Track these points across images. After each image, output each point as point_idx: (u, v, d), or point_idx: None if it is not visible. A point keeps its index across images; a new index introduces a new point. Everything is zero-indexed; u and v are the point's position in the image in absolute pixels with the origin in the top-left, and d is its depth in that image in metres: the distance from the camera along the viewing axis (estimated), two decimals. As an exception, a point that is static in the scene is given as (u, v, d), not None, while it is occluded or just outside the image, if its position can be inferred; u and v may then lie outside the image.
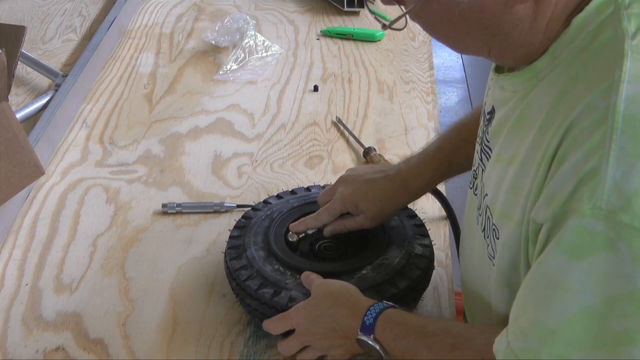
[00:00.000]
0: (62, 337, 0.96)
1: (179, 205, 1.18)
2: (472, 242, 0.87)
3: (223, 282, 1.02)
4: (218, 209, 1.17)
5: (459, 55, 3.81)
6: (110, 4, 1.87)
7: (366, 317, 0.82)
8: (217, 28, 1.67)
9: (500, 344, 0.68)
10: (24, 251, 1.11)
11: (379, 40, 1.72)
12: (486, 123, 0.81)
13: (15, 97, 1.51)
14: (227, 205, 1.18)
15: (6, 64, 1.07)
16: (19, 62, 1.41)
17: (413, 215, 1.03)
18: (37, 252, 1.11)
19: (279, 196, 1.08)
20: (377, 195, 0.98)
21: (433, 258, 0.98)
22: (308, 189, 1.10)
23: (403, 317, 0.82)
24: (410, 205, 1.06)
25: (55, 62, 1.64)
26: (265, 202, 1.07)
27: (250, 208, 1.06)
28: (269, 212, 1.03)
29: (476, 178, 0.86)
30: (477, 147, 0.85)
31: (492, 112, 0.79)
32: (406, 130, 1.40)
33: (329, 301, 0.87)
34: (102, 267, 1.07)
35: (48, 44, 1.74)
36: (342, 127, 1.40)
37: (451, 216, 1.11)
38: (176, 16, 1.87)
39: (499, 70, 0.80)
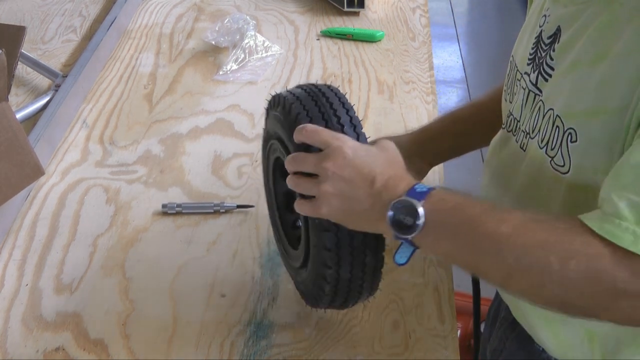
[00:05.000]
0: (62, 337, 0.96)
1: (179, 205, 1.18)
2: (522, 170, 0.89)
3: (223, 282, 1.02)
4: (218, 209, 1.17)
5: (459, 55, 3.81)
6: (110, 4, 1.87)
7: (417, 186, 0.73)
8: (217, 28, 1.67)
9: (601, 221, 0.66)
10: (23, 251, 1.11)
11: (379, 40, 1.72)
12: (546, 47, 0.85)
13: (15, 97, 1.51)
14: (227, 205, 1.18)
15: (6, 64, 1.07)
16: (19, 62, 1.41)
17: None
18: (37, 252, 1.11)
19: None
20: None
21: None
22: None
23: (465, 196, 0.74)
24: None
25: (55, 63, 1.64)
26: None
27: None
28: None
29: (511, 116, 0.93)
30: (526, 80, 0.89)
31: (556, 32, 0.83)
32: (406, 130, 1.39)
33: (378, 149, 0.78)
34: (102, 267, 1.07)
35: (48, 44, 1.73)
36: (342, 127, 1.39)
37: None
38: (176, 16, 1.87)
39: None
